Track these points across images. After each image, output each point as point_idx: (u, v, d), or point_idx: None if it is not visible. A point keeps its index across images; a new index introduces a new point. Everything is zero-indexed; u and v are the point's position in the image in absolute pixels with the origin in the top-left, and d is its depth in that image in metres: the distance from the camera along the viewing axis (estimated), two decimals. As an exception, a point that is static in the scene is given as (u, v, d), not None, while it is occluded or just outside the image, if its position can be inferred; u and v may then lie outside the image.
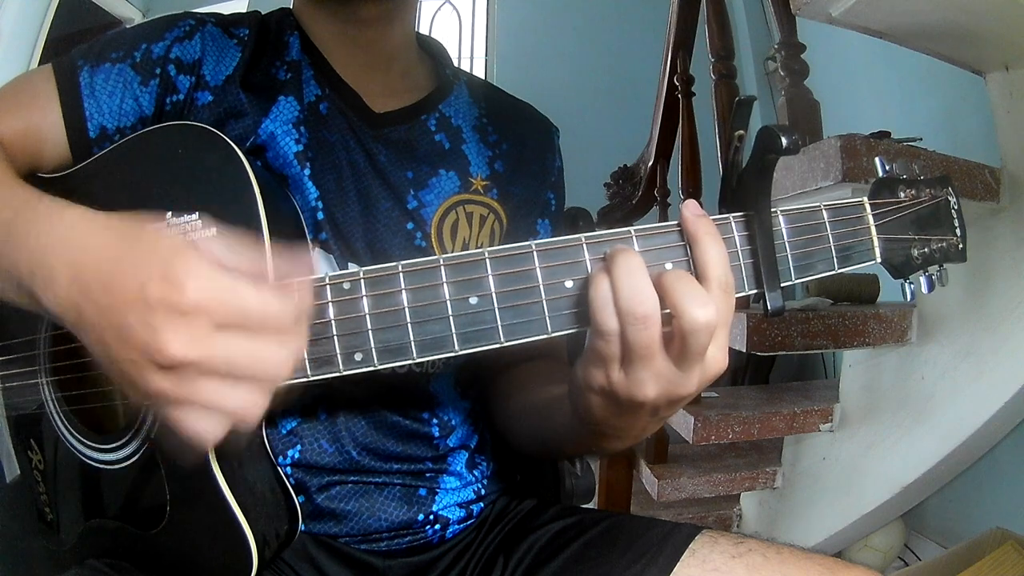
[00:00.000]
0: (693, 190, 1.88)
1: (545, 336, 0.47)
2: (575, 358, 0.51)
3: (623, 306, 0.43)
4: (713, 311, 0.43)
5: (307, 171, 0.67)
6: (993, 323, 1.38)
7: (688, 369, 0.45)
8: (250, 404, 0.41)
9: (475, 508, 0.73)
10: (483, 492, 0.74)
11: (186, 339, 0.39)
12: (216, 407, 0.41)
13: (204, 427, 0.41)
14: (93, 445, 0.59)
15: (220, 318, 0.40)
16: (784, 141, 0.45)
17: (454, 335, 0.47)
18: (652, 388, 0.45)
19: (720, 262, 0.45)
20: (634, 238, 0.48)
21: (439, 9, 4.12)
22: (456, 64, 0.83)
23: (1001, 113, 1.42)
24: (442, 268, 0.47)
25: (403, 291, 0.47)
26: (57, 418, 0.62)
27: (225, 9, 0.76)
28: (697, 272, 0.45)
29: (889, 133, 1.42)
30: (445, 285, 0.46)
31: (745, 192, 0.49)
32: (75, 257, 0.43)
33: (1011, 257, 1.35)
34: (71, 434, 0.61)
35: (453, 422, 0.73)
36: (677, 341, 0.44)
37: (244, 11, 0.75)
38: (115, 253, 0.42)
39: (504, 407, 0.74)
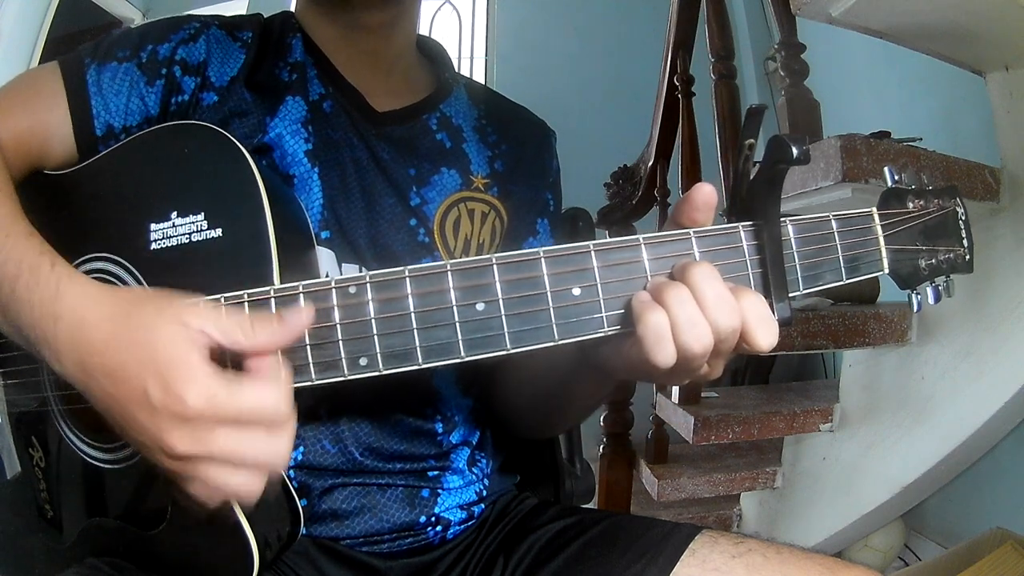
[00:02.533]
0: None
1: (552, 344, 0.47)
2: None
3: (682, 344, 0.45)
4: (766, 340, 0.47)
5: (316, 170, 0.67)
6: (993, 323, 1.38)
7: (716, 363, 0.49)
8: (247, 486, 0.45)
9: (476, 509, 0.74)
10: (484, 492, 0.75)
11: (189, 440, 0.43)
12: (217, 488, 0.45)
13: (207, 496, 0.46)
14: (94, 444, 0.59)
15: (219, 420, 0.43)
16: (795, 151, 0.45)
17: (460, 341, 0.47)
18: (685, 378, 0.49)
19: (714, 300, 0.46)
20: (643, 246, 0.48)
21: (439, 9, 4.11)
22: (456, 64, 0.83)
23: (1001, 113, 1.42)
24: (449, 273, 0.46)
25: (409, 296, 0.46)
26: (58, 416, 0.62)
27: (225, 10, 0.77)
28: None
29: (889, 133, 1.42)
30: (452, 291, 0.46)
31: (754, 201, 0.49)
32: (78, 344, 0.46)
33: (1011, 257, 1.36)
34: (72, 432, 0.61)
35: (456, 417, 0.73)
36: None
37: (246, 13, 0.76)
38: (117, 354, 0.45)
39: (505, 378, 0.74)
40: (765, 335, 0.46)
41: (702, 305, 0.45)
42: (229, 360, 0.46)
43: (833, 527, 1.69)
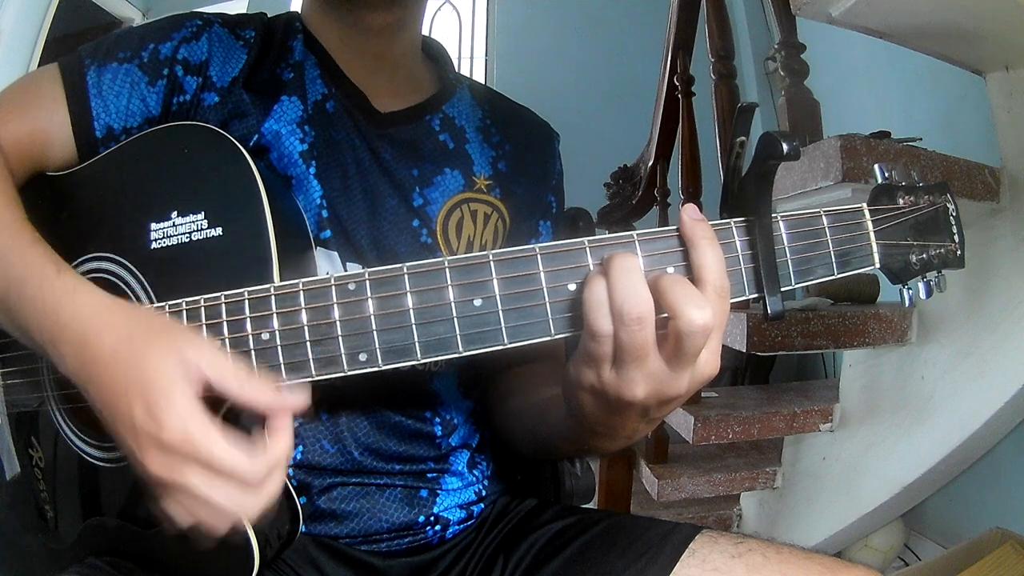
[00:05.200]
0: (693, 190, 1.88)
1: (548, 338, 0.47)
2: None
3: (618, 308, 0.43)
4: (710, 314, 0.43)
5: (312, 170, 0.67)
6: (993, 323, 1.38)
7: (680, 371, 0.45)
8: (212, 523, 0.47)
9: (475, 509, 0.74)
10: (483, 493, 0.75)
11: (163, 466, 0.45)
12: (186, 514, 0.47)
13: (178, 517, 0.47)
14: (94, 443, 0.59)
15: (191, 459, 0.45)
16: (785, 147, 0.45)
17: (458, 336, 0.47)
18: (642, 388, 0.45)
19: (716, 266, 0.45)
20: (636, 242, 0.48)
21: (439, 9, 4.11)
22: (456, 64, 0.83)
23: (1001, 113, 1.42)
24: (447, 270, 0.47)
25: (408, 293, 0.47)
26: (58, 416, 0.62)
27: (226, 9, 0.76)
28: (694, 276, 0.46)
29: (889, 133, 1.41)
30: (450, 287, 0.47)
31: (746, 197, 0.49)
32: (80, 353, 0.48)
33: (1011, 257, 1.36)
34: (72, 432, 0.61)
35: (455, 421, 0.73)
36: (671, 343, 0.44)
37: (248, 12, 0.75)
38: (112, 371, 0.47)
39: (502, 407, 0.74)
40: (694, 310, 0.42)
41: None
42: (223, 410, 0.47)
43: (833, 527, 1.69)
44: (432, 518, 0.70)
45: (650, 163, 2.15)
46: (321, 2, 0.73)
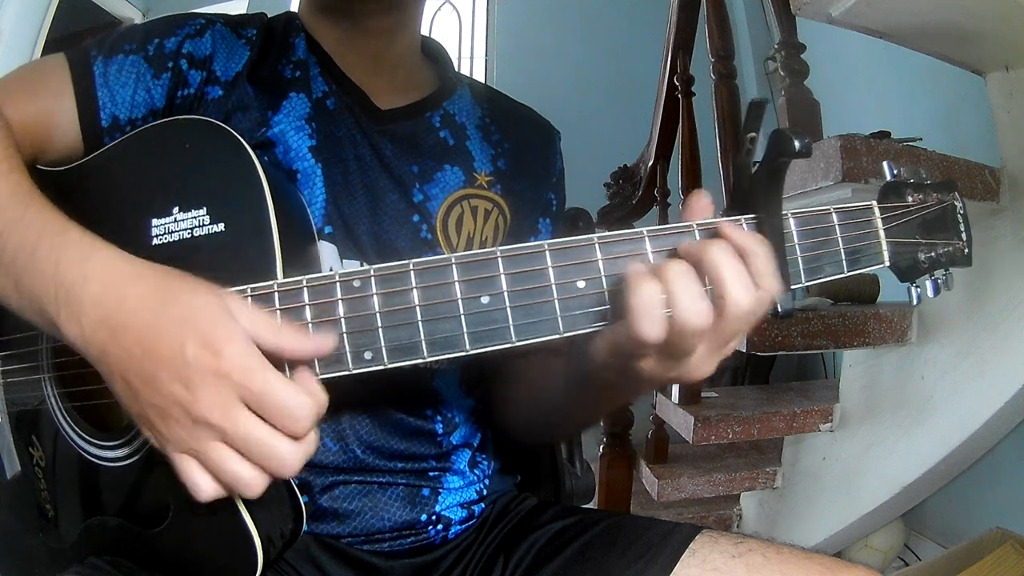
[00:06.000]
0: (693, 190, 1.87)
1: (556, 336, 0.47)
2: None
3: (681, 321, 0.44)
4: (753, 297, 0.45)
5: (320, 166, 0.67)
6: (993, 323, 1.38)
7: (715, 355, 0.48)
8: (250, 482, 0.45)
9: (476, 508, 0.74)
10: (484, 492, 0.75)
11: (216, 401, 0.42)
12: (219, 472, 0.44)
13: (202, 482, 0.45)
14: (95, 442, 0.59)
15: (247, 394, 0.43)
16: (797, 144, 0.45)
17: (465, 334, 0.47)
18: (676, 373, 0.48)
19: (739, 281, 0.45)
20: (647, 238, 0.48)
21: (439, 9, 4.11)
22: (456, 64, 0.83)
23: (1001, 113, 1.42)
24: (453, 266, 0.47)
25: (414, 289, 0.46)
26: (59, 415, 0.62)
27: (226, 9, 0.77)
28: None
29: (889, 133, 1.42)
30: (456, 284, 0.46)
31: (756, 195, 0.49)
32: (107, 302, 0.45)
33: (1011, 257, 1.36)
34: (73, 431, 0.61)
35: (457, 419, 0.73)
36: (713, 332, 0.46)
37: (247, 12, 0.76)
38: (153, 310, 0.44)
39: (505, 388, 0.74)
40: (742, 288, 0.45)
41: (721, 279, 0.44)
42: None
43: (833, 527, 1.69)
44: (434, 517, 0.70)
45: (650, 163, 2.15)
46: (319, 6, 0.73)
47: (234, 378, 0.42)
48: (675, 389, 1.78)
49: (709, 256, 0.45)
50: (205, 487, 0.45)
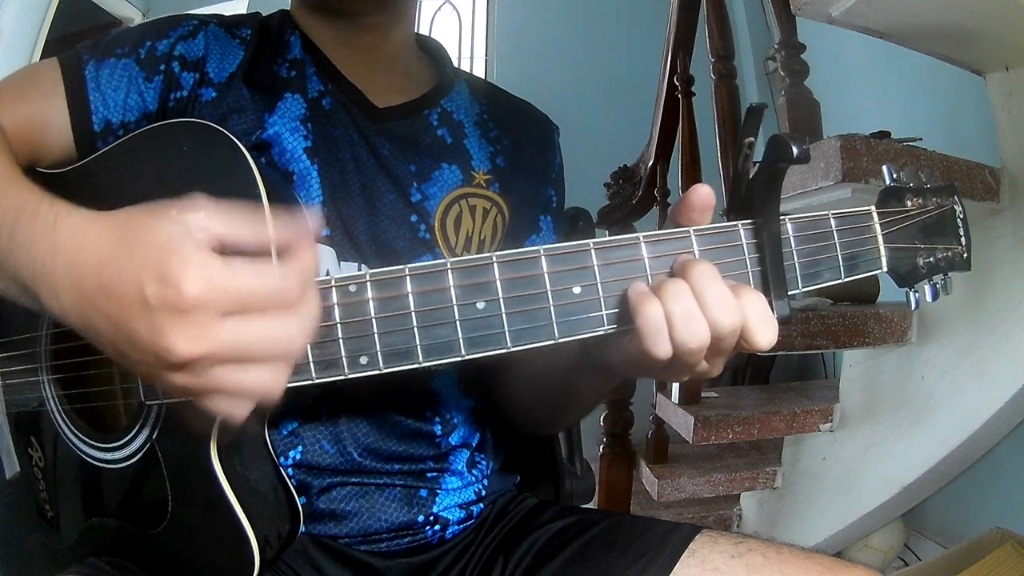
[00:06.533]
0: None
1: (552, 342, 0.47)
2: None
3: (679, 341, 0.45)
4: (739, 319, 0.47)
5: (316, 167, 0.67)
6: (993, 323, 1.38)
7: (720, 358, 0.49)
8: (270, 382, 0.42)
9: (475, 509, 0.73)
10: (483, 492, 0.74)
11: (192, 336, 0.39)
12: (236, 392, 0.42)
13: (230, 409, 0.42)
14: (94, 444, 0.59)
15: (223, 307, 0.40)
16: (795, 150, 0.45)
17: (461, 340, 0.47)
18: (685, 376, 0.49)
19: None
20: (643, 244, 0.48)
21: (439, 9, 4.11)
22: (456, 64, 0.83)
23: (1001, 113, 1.42)
24: (449, 272, 0.46)
25: (410, 294, 0.46)
26: (58, 416, 0.62)
27: (225, 10, 0.77)
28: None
29: (889, 133, 1.41)
30: (452, 289, 0.46)
31: (753, 200, 0.49)
32: (74, 264, 0.43)
33: (1011, 257, 1.36)
34: (72, 432, 0.61)
35: (455, 420, 0.73)
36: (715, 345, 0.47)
37: (244, 12, 0.76)
38: (111, 256, 0.42)
39: (508, 376, 0.74)
40: (765, 334, 0.46)
41: (702, 304, 0.45)
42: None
43: (833, 527, 1.69)
44: (431, 518, 0.69)
45: (650, 163, 2.15)
46: (311, 4, 0.73)
47: (203, 302, 0.39)
48: (675, 389, 1.78)
49: (691, 280, 0.46)
50: (235, 411, 0.43)
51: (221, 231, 0.42)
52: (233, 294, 0.40)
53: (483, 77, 3.89)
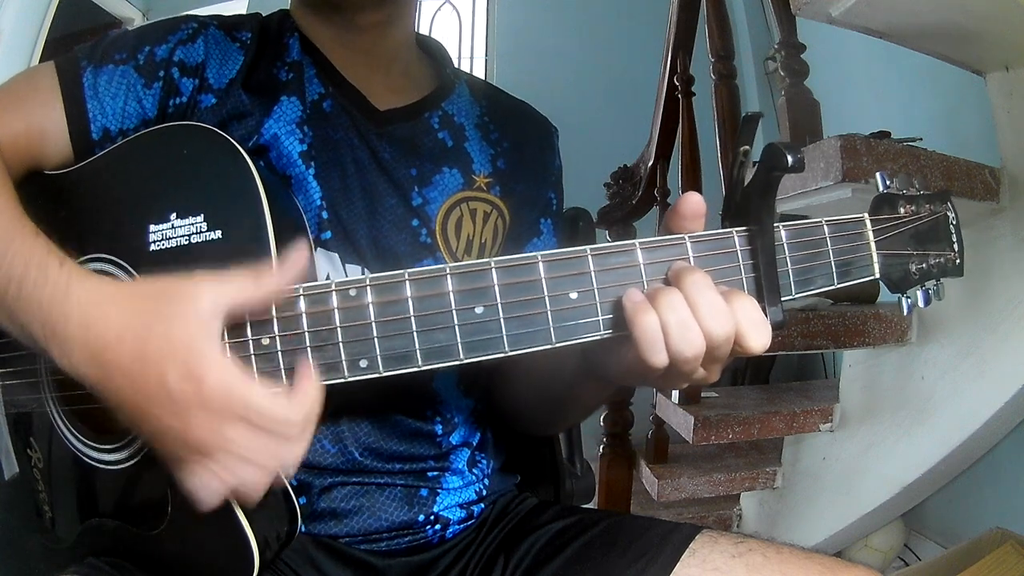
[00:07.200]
0: (690, 190, 1.87)
1: (549, 347, 0.48)
2: None
3: (674, 350, 0.46)
4: (731, 327, 0.47)
5: (311, 170, 0.67)
6: (993, 323, 1.38)
7: (717, 365, 0.49)
8: (254, 483, 0.47)
9: (475, 509, 0.74)
10: (484, 492, 0.75)
11: (206, 427, 0.45)
12: (222, 477, 0.46)
13: (211, 489, 0.47)
14: (94, 445, 0.59)
15: (231, 414, 0.45)
16: (789, 159, 0.46)
17: (459, 344, 0.47)
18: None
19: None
20: (638, 250, 0.48)
21: (439, 9, 4.11)
22: (456, 64, 0.83)
23: (1001, 113, 1.42)
24: (448, 277, 0.47)
25: (409, 299, 0.47)
26: (57, 418, 0.62)
27: (225, 10, 0.76)
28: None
29: (889, 133, 1.41)
30: (451, 294, 0.47)
31: (748, 207, 0.49)
32: (91, 341, 0.47)
33: (1011, 257, 1.36)
34: (71, 434, 0.61)
35: (456, 419, 0.73)
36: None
37: (245, 13, 0.75)
38: (131, 347, 0.46)
39: (509, 382, 0.75)
40: (758, 338, 0.47)
41: (696, 313, 0.46)
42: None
43: (833, 527, 1.69)
44: (432, 517, 0.70)
45: (650, 163, 2.15)
46: (310, 3, 0.72)
47: (220, 401, 0.44)
48: (675, 390, 1.78)
49: (685, 289, 0.46)
50: (208, 494, 0.47)
51: (235, 309, 0.47)
52: (243, 405, 0.45)
53: (483, 77, 3.90)
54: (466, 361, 0.47)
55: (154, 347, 0.45)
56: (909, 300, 0.55)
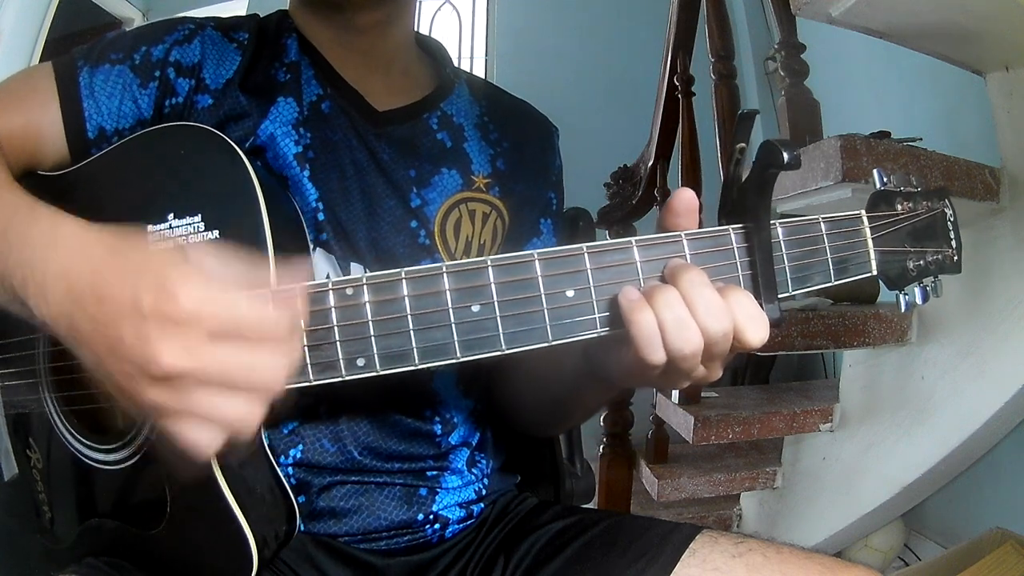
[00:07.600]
0: (692, 190, 1.87)
1: (546, 345, 0.48)
2: None
3: (671, 347, 0.46)
4: (729, 324, 0.47)
5: (306, 172, 0.67)
6: (993, 323, 1.38)
7: (717, 362, 0.49)
8: (245, 414, 0.42)
9: (475, 508, 0.74)
10: (483, 492, 0.75)
11: (179, 349, 0.40)
12: (211, 418, 0.41)
13: (200, 437, 0.42)
14: (92, 445, 0.60)
15: (213, 327, 0.40)
16: (785, 156, 0.46)
17: (456, 342, 0.47)
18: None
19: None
20: (635, 248, 0.48)
21: (439, 9, 4.11)
22: (456, 64, 0.83)
23: (1001, 113, 1.42)
24: (445, 275, 0.47)
25: (406, 297, 0.47)
26: (56, 418, 0.62)
27: (225, 11, 0.76)
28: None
29: (889, 133, 1.41)
30: (448, 292, 0.47)
31: (745, 205, 0.49)
32: (68, 269, 0.44)
33: (1011, 257, 1.36)
34: (70, 434, 0.61)
35: (455, 419, 0.73)
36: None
37: (243, 14, 0.75)
38: (108, 265, 0.43)
39: (509, 383, 0.74)
40: (755, 333, 0.47)
41: (693, 311, 0.46)
42: None
43: (833, 527, 1.69)
44: (431, 516, 0.70)
45: (650, 163, 2.15)
46: (308, 3, 0.72)
47: (196, 316, 0.40)
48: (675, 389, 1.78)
49: (681, 286, 0.46)
50: (205, 443, 0.42)
51: (216, 265, 0.43)
52: (226, 317, 0.40)
53: (483, 77, 3.89)
54: (463, 359, 0.47)
55: (130, 264, 0.42)
56: (907, 297, 0.55)
